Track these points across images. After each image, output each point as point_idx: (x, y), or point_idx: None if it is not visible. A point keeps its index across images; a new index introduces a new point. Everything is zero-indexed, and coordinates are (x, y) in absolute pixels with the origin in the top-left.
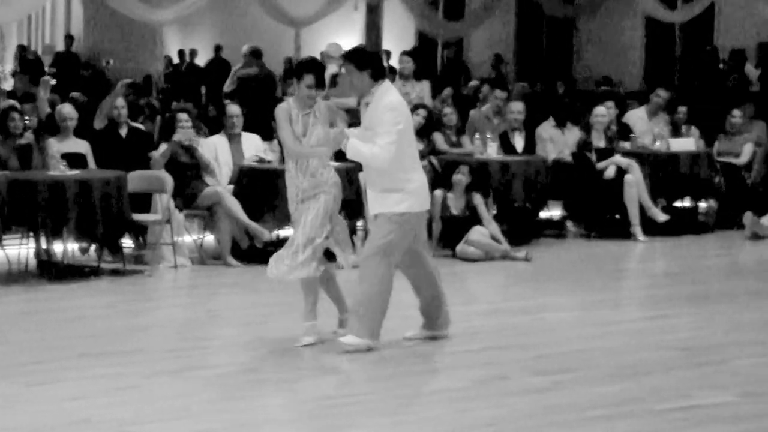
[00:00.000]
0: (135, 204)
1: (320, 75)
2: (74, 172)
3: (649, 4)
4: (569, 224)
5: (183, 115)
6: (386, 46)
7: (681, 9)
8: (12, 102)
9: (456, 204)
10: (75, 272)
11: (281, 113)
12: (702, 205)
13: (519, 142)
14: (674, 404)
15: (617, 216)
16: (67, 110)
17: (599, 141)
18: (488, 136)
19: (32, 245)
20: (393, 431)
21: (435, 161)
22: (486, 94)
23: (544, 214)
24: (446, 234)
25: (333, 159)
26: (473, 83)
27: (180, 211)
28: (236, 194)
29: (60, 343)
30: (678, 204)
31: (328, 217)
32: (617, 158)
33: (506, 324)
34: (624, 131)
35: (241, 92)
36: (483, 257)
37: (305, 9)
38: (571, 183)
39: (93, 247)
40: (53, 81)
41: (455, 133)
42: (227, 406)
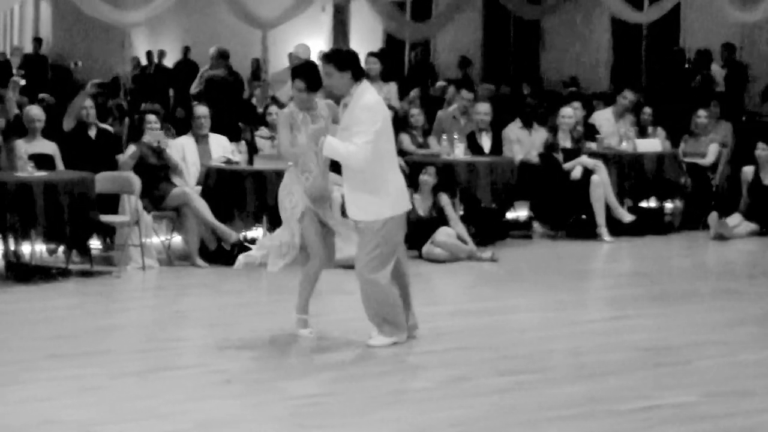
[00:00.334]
0: (103, 205)
1: (310, 78)
2: (42, 174)
3: (616, 5)
4: (536, 225)
5: (151, 117)
6: (354, 48)
7: (647, 10)
8: None
9: (422, 205)
10: (43, 273)
11: (281, 118)
12: (668, 206)
13: (486, 143)
14: (637, 404)
15: (583, 216)
16: (35, 112)
17: (566, 142)
18: (455, 137)
19: (0, 246)
20: None
21: (402, 162)
22: (452, 96)
23: (511, 215)
24: (412, 235)
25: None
26: (440, 84)
27: (148, 213)
28: (203, 195)
29: (27, 344)
30: (644, 204)
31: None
32: (584, 159)
33: (471, 325)
34: (590, 132)
35: (209, 93)
36: (449, 258)
37: (272, 10)
38: (538, 184)
39: (61, 249)
40: (23, 81)
41: (422, 134)
42: (194, 407)
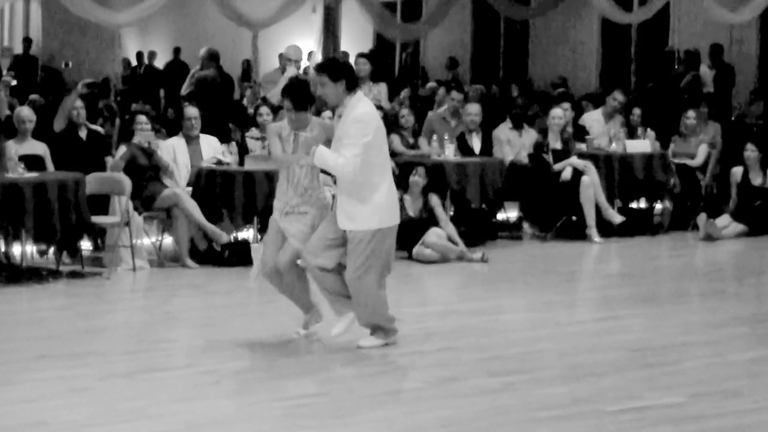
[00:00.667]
0: (93, 206)
1: (297, 97)
2: (32, 175)
3: (605, 6)
4: (525, 225)
5: (142, 118)
6: (344, 49)
7: (636, 10)
8: None
9: (413, 206)
10: (33, 274)
11: (271, 129)
12: (657, 207)
13: (476, 144)
14: (625, 405)
15: (573, 217)
16: (26, 113)
17: (555, 143)
18: (445, 138)
19: None
20: None
21: (392, 163)
22: (442, 97)
23: (501, 216)
24: (402, 236)
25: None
26: (430, 85)
27: (138, 214)
28: (194, 196)
29: (17, 345)
30: (633, 205)
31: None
32: (573, 160)
33: (461, 325)
34: (580, 133)
35: (199, 94)
36: (439, 259)
37: (263, 11)
38: (528, 184)
39: (51, 250)
40: (14, 81)
41: (412, 135)
42: (184, 407)
